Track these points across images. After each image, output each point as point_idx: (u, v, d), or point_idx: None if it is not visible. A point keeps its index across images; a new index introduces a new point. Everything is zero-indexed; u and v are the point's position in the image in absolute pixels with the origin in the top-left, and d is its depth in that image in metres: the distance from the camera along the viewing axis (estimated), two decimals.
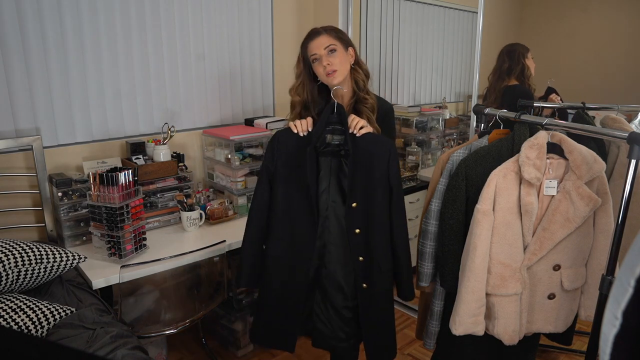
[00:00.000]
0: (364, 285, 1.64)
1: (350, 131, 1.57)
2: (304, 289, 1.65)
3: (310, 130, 1.61)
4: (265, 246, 1.70)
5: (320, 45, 1.66)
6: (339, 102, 1.79)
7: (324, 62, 1.65)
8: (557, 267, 1.65)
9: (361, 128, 1.58)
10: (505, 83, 2.46)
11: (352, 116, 1.61)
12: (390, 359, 1.77)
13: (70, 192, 1.99)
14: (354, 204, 1.59)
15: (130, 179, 1.87)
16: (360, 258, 1.62)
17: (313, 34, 1.70)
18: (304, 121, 1.62)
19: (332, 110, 1.59)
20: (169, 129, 2.28)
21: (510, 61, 2.45)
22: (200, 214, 2.22)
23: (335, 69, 1.66)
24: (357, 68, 1.75)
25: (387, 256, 1.65)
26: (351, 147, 1.57)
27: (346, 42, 1.71)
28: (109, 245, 1.85)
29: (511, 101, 2.16)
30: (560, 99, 2.42)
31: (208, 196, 2.44)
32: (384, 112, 1.80)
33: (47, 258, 1.65)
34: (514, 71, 2.44)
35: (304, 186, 1.59)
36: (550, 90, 2.48)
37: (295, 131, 1.60)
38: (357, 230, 1.61)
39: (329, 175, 1.63)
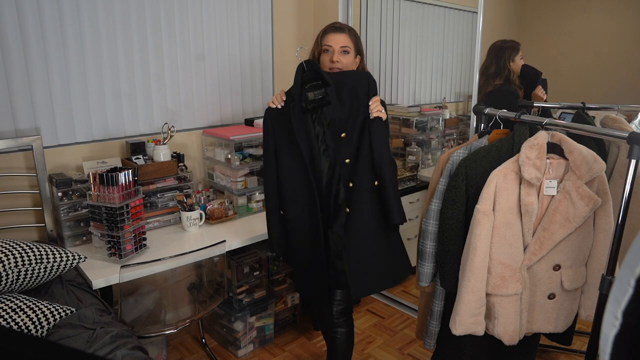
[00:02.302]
0: (347, 209, 1.71)
1: (370, 108, 1.67)
2: (322, 240, 1.74)
3: (285, 99, 1.75)
4: (282, 211, 1.82)
5: (338, 41, 1.76)
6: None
7: (334, 57, 1.75)
8: (557, 267, 1.65)
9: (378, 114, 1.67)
10: (489, 87, 2.46)
11: (375, 98, 1.69)
12: (370, 290, 1.86)
13: (70, 192, 1.99)
14: (342, 134, 1.67)
15: (130, 179, 1.87)
16: (350, 184, 1.70)
17: (337, 28, 1.79)
18: (277, 95, 1.76)
19: (303, 70, 1.69)
20: (169, 129, 2.28)
21: (496, 65, 2.44)
22: (200, 214, 2.22)
23: (340, 67, 1.76)
24: None
25: (366, 177, 1.70)
26: (328, 87, 1.66)
27: (358, 50, 1.82)
28: (109, 245, 1.85)
29: (496, 103, 2.16)
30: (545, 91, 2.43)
31: (208, 196, 2.44)
32: None
33: (47, 258, 1.65)
34: (500, 75, 2.44)
35: (296, 146, 1.69)
36: (525, 68, 2.47)
37: (274, 106, 1.74)
38: (347, 160, 1.69)
39: (323, 131, 1.72)
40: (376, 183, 1.70)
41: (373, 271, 1.75)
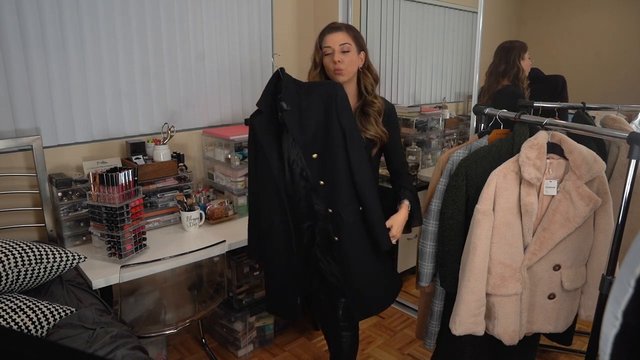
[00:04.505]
0: (336, 238, 1.63)
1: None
2: (294, 253, 1.68)
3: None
4: (258, 220, 1.77)
5: (336, 40, 1.71)
6: None
7: (336, 58, 1.70)
8: (557, 267, 1.65)
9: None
10: (499, 86, 2.46)
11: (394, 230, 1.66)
12: (371, 313, 1.81)
13: (70, 192, 1.99)
14: (314, 155, 1.60)
15: (130, 179, 1.87)
16: (330, 210, 1.62)
17: (333, 27, 1.74)
18: None
19: (278, 77, 1.63)
20: (169, 129, 2.28)
21: (505, 63, 2.44)
22: (200, 214, 2.22)
23: (343, 68, 1.70)
24: (367, 72, 1.78)
25: (350, 207, 1.61)
26: (291, 98, 1.60)
27: (360, 46, 1.76)
28: (109, 245, 1.85)
29: (502, 102, 2.16)
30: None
31: (208, 196, 2.44)
32: (388, 113, 1.81)
33: (47, 258, 1.65)
34: (508, 74, 2.44)
35: (267, 160, 1.63)
36: (535, 71, 2.48)
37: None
38: (322, 182, 1.61)
39: (290, 135, 1.66)
40: (361, 208, 1.63)
41: (372, 296, 1.73)
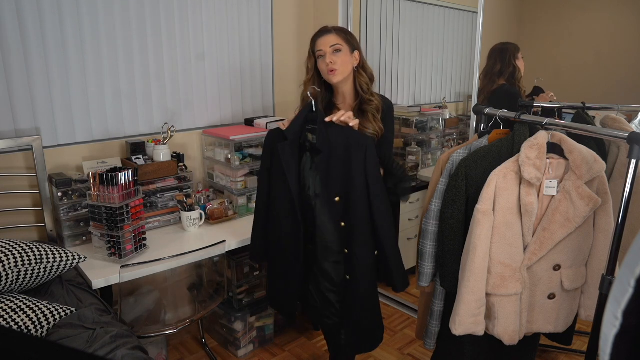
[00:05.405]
0: (347, 277, 1.72)
1: (335, 119, 1.61)
2: (299, 270, 1.79)
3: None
4: (267, 230, 1.87)
5: (327, 43, 1.72)
6: (341, 101, 1.83)
7: (327, 59, 1.71)
8: (557, 267, 1.65)
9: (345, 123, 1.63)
10: (494, 86, 2.47)
11: (341, 112, 1.63)
12: (369, 349, 1.90)
13: (70, 192, 1.99)
14: (336, 199, 1.65)
15: (130, 179, 1.87)
16: (345, 250, 1.69)
17: (323, 31, 1.76)
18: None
19: (310, 109, 1.65)
20: (169, 129, 2.28)
21: (501, 63, 2.45)
22: (200, 214, 2.22)
23: (335, 68, 1.71)
24: (362, 71, 1.80)
25: (366, 250, 1.68)
26: (324, 141, 1.62)
27: (353, 45, 1.76)
28: (109, 245, 1.85)
29: (499, 102, 2.16)
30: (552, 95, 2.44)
31: (208, 196, 2.44)
32: (386, 109, 1.82)
33: (47, 258, 1.65)
34: (504, 74, 2.45)
35: (285, 182, 1.68)
36: (537, 90, 2.49)
37: (283, 128, 1.70)
38: (343, 224, 1.67)
39: (313, 171, 1.69)
40: (376, 252, 1.71)
41: (368, 336, 1.84)
